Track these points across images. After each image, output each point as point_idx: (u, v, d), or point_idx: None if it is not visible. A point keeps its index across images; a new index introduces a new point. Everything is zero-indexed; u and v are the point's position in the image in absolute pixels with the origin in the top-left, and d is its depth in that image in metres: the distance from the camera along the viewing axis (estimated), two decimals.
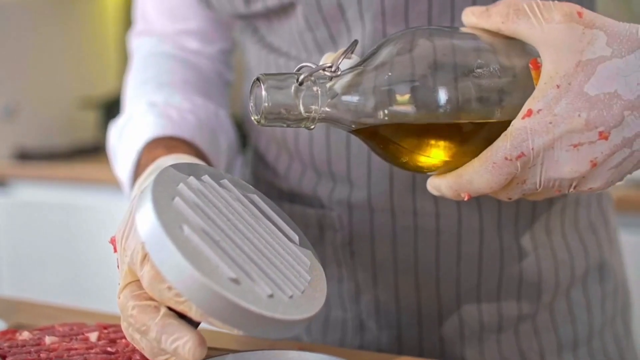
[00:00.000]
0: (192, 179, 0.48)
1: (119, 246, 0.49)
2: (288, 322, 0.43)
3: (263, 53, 0.71)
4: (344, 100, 0.48)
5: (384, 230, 0.67)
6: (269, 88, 0.46)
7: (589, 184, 0.49)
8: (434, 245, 0.67)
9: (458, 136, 0.48)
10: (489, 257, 0.67)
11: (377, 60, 0.48)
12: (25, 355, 0.49)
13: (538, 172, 0.48)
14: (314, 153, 0.68)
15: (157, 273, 0.44)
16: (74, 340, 0.53)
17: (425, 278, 0.68)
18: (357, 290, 0.70)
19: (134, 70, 0.80)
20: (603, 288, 0.73)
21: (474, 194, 0.50)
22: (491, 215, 0.66)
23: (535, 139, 0.47)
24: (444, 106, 0.47)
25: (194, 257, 0.42)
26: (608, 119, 0.46)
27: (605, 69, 0.46)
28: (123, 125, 0.73)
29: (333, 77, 0.48)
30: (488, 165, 0.48)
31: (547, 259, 0.69)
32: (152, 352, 0.46)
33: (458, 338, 0.69)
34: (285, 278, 0.46)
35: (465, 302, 0.68)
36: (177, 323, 0.45)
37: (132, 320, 0.46)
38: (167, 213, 0.44)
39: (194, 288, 0.41)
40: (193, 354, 0.44)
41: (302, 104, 0.47)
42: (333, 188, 0.69)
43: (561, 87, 0.46)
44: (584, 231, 0.72)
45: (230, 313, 0.42)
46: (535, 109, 0.47)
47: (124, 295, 0.47)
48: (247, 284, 0.43)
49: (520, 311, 0.69)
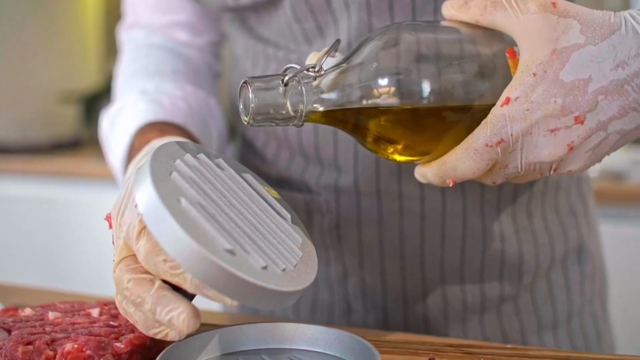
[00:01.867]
0: (189, 156, 0.50)
1: (115, 222, 0.50)
2: (281, 293, 0.44)
3: (251, 43, 0.73)
4: (329, 97, 0.49)
5: (371, 214, 0.69)
6: (255, 90, 0.48)
7: (567, 167, 0.50)
8: (418, 228, 0.68)
9: (441, 125, 0.50)
10: (472, 239, 0.69)
11: (360, 57, 0.50)
12: (30, 329, 0.50)
13: (518, 156, 0.50)
14: (302, 139, 0.70)
15: (153, 246, 0.46)
16: (76, 315, 0.54)
17: (411, 260, 0.69)
18: (344, 272, 0.72)
19: (125, 62, 0.81)
20: (582, 270, 0.76)
21: (458, 180, 0.52)
22: (474, 199, 0.68)
23: (514, 126, 0.48)
24: (427, 97, 0.49)
25: (191, 228, 0.43)
26: (583, 104, 0.48)
27: (579, 56, 0.48)
28: (115, 114, 0.74)
29: (317, 76, 0.50)
30: (470, 152, 0.50)
31: (528, 242, 0.71)
32: (145, 324, 0.47)
33: (442, 318, 0.71)
34: (278, 252, 0.48)
35: (449, 284, 0.70)
36: (172, 295, 0.46)
37: (127, 293, 0.47)
38: (165, 186, 0.45)
39: (191, 258, 0.43)
40: (187, 324, 0.45)
41: (289, 104, 0.49)
42: (321, 173, 0.70)
43: (537, 74, 0.48)
44: (564, 215, 0.74)
45: (225, 283, 0.43)
46: (512, 96, 0.48)
47: (119, 268, 0.48)
48: (242, 255, 0.45)
49: (502, 292, 0.71)
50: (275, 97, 0.48)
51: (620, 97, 0.47)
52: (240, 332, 0.52)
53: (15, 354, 0.47)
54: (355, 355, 0.49)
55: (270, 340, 0.52)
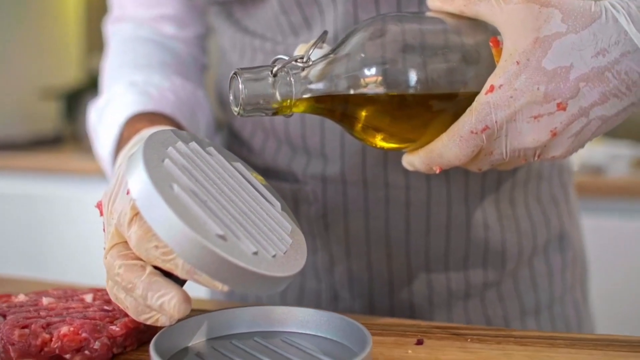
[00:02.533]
0: (180, 144, 0.50)
1: (106, 210, 0.51)
2: (271, 278, 0.45)
3: (238, 36, 0.73)
4: (317, 87, 0.50)
5: (357, 203, 0.70)
6: (245, 81, 0.49)
7: (551, 152, 0.51)
8: (404, 216, 0.70)
9: (427, 114, 0.51)
10: (457, 227, 0.70)
11: (347, 48, 0.51)
12: (25, 314, 0.51)
13: (503, 143, 0.51)
14: (289, 129, 0.70)
15: (145, 233, 0.46)
16: (70, 300, 0.55)
17: (396, 248, 0.70)
18: (331, 261, 0.73)
19: (111, 55, 0.81)
20: (563, 257, 0.77)
21: (445, 167, 0.53)
22: (458, 188, 0.69)
23: (498, 113, 0.49)
24: (413, 86, 0.50)
25: (184, 213, 0.44)
26: (565, 90, 0.49)
27: (561, 44, 0.49)
28: (103, 105, 0.74)
29: (305, 67, 0.51)
30: (456, 139, 0.51)
31: (511, 230, 0.72)
32: (136, 310, 0.48)
33: (427, 305, 0.72)
34: (268, 239, 0.49)
35: (434, 271, 0.71)
36: (163, 280, 0.46)
37: (118, 279, 0.47)
38: (157, 172, 0.45)
39: (183, 243, 0.43)
40: (178, 309, 0.45)
41: (278, 94, 0.50)
42: (307, 163, 0.71)
43: (520, 63, 0.49)
44: (546, 203, 0.75)
45: (217, 267, 0.43)
46: (497, 84, 0.49)
47: (110, 255, 0.49)
48: (233, 241, 0.45)
49: (486, 279, 0.72)
50: (264, 88, 0.49)
51: (601, 84, 0.49)
52: (233, 315, 0.53)
53: (12, 337, 0.48)
54: (346, 336, 0.50)
55: (262, 324, 0.53)
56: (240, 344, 0.50)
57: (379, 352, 0.50)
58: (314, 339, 0.51)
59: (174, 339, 0.49)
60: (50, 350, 0.48)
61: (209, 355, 0.49)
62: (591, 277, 0.86)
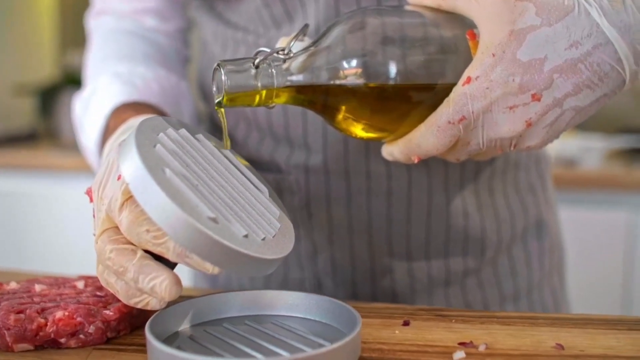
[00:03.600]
0: (171, 130, 0.51)
1: (96, 196, 0.52)
2: (261, 260, 0.46)
3: (220, 29, 0.74)
4: (298, 79, 0.52)
5: (339, 192, 0.71)
6: (228, 72, 0.50)
7: (526, 142, 0.53)
8: (385, 205, 0.71)
9: (405, 105, 0.53)
10: (437, 216, 0.72)
11: (327, 40, 0.52)
12: (19, 300, 0.52)
13: (480, 133, 0.52)
14: (272, 120, 0.71)
15: (136, 217, 0.47)
16: (62, 287, 0.55)
17: (378, 236, 0.72)
18: (314, 249, 0.74)
19: (94, 48, 0.82)
20: (540, 245, 0.79)
21: (423, 157, 0.54)
22: (439, 177, 0.71)
23: (475, 103, 0.51)
24: (392, 78, 0.51)
25: (176, 196, 0.45)
26: (539, 82, 0.50)
27: (535, 37, 0.50)
28: (88, 96, 0.74)
29: (287, 59, 0.52)
30: (433, 129, 0.52)
31: (490, 218, 0.74)
32: (126, 294, 0.49)
33: (409, 292, 0.74)
34: (257, 223, 0.50)
35: (415, 259, 0.73)
36: (154, 264, 0.47)
37: (109, 263, 0.48)
38: (149, 157, 0.46)
39: (176, 225, 0.44)
40: (169, 291, 0.46)
41: (260, 85, 0.51)
42: (290, 153, 0.72)
43: (496, 55, 0.50)
44: (524, 192, 0.77)
45: (208, 249, 0.44)
46: (473, 76, 0.51)
47: (101, 240, 0.49)
48: (225, 223, 0.46)
49: (466, 266, 0.74)
50: (247, 79, 0.50)
51: (575, 75, 0.50)
52: (224, 300, 0.54)
53: (7, 322, 0.48)
54: (335, 318, 0.52)
55: (253, 308, 0.54)
56: (232, 327, 0.51)
57: (367, 333, 0.51)
58: (304, 321, 0.53)
59: (167, 323, 0.50)
60: (46, 334, 0.49)
61: (201, 338, 0.50)
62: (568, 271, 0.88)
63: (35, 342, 0.49)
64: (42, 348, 0.49)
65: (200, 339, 0.49)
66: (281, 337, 0.49)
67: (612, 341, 0.50)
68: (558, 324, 0.53)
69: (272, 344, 0.48)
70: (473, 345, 0.49)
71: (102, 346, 0.50)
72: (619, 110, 2.09)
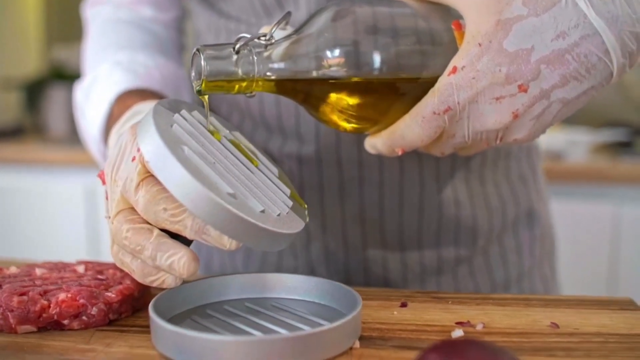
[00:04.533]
0: (185, 112, 0.52)
1: (109, 179, 0.52)
2: (277, 234, 0.47)
3: (213, 19, 0.75)
4: (279, 67, 0.50)
5: (332, 182, 0.72)
6: (207, 58, 0.49)
7: (513, 135, 0.52)
8: (377, 195, 0.72)
9: (390, 95, 0.51)
10: (429, 205, 0.72)
11: (311, 28, 0.51)
12: (21, 283, 0.52)
13: (465, 125, 0.51)
14: (264, 110, 0.72)
15: (153, 197, 0.48)
16: (62, 271, 0.56)
17: (371, 226, 0.72)
18: (307, 238, 0.75)
19: (92, 38, 0.82)
20: (531, 233, 0.80)
21: (407, 149, 0.53)
22: (430, 166, 0.71)
23: (460, 94, 0.50)
24: (375, 68, 0.50)
25: (196, 173, 0.46)
26: (526, 72, 0.49)
27: (522, 27, 0.49)
28: (89, 85, 0.75)
29: (268, 45, 0.51)
30: (418, 119, 0.51)
31: (481, 207, 0.75)
32: (142, 272, 0.49)
33: (401, 281, 0.75)
34: (271, 200, 0.51)
35: (407, 248, 0.73)
36: (171, 241, 0.48)
37: (126, 242, 0.49)
38: (168, 136, 0.47)
39: (197, 201, 0.45)
40: (187, 268, 0.47)
41: (240, 72, 0.49)
42: (283, 143, 0.73)
43: (483, 45, 0.49)
44: (515, 182, 0.78)
45: (228, 223, 0.45)
46: (459, 65, 0.50)
47: (117, 220, 0.50)
48: (242, 199, 0.47)
49: (457, 255, 0.75)
50: (226, 65, 0.49)
51: (562, 66, 0.49)
52: (225, 282, 0.54)
53: (11, 304, 0.49)
54: (335, 300, 0.52)
55: (253, 290, 0.55)
56: (232, 309, 0.52)
57: (366, 314, 0.52)
58: (304, 303, 0.54)
59: (168, 305, 0.51)
60: (49, 316, 0.49)
61: (203, 319, 0.50)
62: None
63: (39, 324, 0.49)
64: (45, 330, 0.50)
65: (202, 320, 0.50)
66: (281, 318, 0.50)
67: (605, 320, 0.51)
68: (552, 305, 0.54)
69: (273, 324, 0.49)
70: (470, 324, 0.50)
71: (104, 327, 0.50)
72: (605, 105, 2.12)
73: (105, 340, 0.48)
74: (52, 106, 2.37)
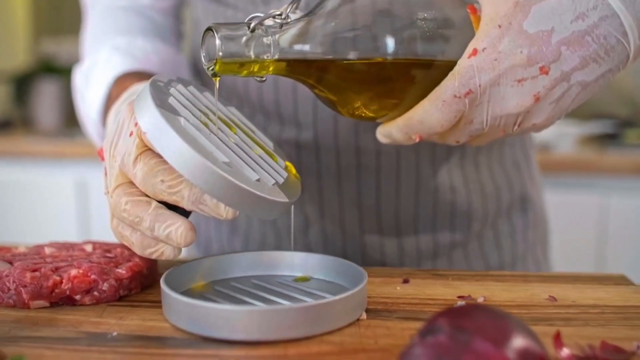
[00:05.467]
0: (181, 86, 0.54)
1: (107, 154, 0.53)
2: (273, 202, 0.48)
3: (211, 7, 0.75)
4: (293, 49, 0.49)
5: (330, 168, 0.73)
6: (222, 37, 0.47)
7: (532, 119, 0.52)
8: (374, 180, 0.73)
9: (406, 81, 0.50)
10: (425, 191, 0.74)
11: (325, 10, 0.50)
12: (31, 260, 0.53)
13: (485, 110, 0.51)
14: (263, 97, 0.73)
15: (150, 169, 0.48)
16: (71, 250, 0.57)
17: (368, 211, 0.74)
18: (305, 222, 0.76)
19: (91, 24, 0.83)
20: (525, 219, 0.81)
21: (425, 135, 0.52)
22: (426, 152, 0.73)
23: (482, 76, 0.49)
24: (392, 52, 0.49)
25: (193, 142, 0.47)
26: (547, 54, 0.49)
27: (540, 8, 0.49)
28: (88, 68, 0.76)
29: (283, 24, 0.49)
30: (438, 103, 0.50)
31: (476, 193, 0.76)
32: (142, 245, 0.50)
33: (398, 264, 0.76)
34: (267, 170, 0.52)
35: (404, 233, 0.75)
36: (169, 212, 0.49)
37: (125, 215, 0.50)
38: (164, 108, 0.48)
39: (194, 169, 0.46)
40: (185, 237, 0.48)
41: (253, 54, 0.48)
42: (281, 129, 0.74)
43: (503, 26, 0.49)
44: (509, 168, 0.79)
45: (224, 191, 0.46)
46: (480, 47, 0.49)
47: (116, 194, 0.51)
48: (238, 168, 0.49)
49: (453, 240, 0.76)
50: (241, 46, 0.48)
51: (582, 48, 0.49)
52: (231, 260, 0.56)
53: (24, 279, 0.50)
54: (339, 276, 0.54)
55: (258, 268, 0.56)
56: (240, 285, 0.53)
57: (370, 290, 0.53)
58: (310, 280, 0.55)
59: (177, 281, 0.52)
60: (61, 291, 0.50)
61: (211, 294, 0.52)
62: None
63: (51, 299, 0.50)
64: (57, 305, 0.51)
65: (210, 295, 0.51)
66: (288, 293, 0.51)
67: (601, 293, 0.53)
68: (549, 281, 0.56)
69: (281, 298, 0.50)
70: (472, 298, 0.51)
71: (115, 303, 0.52)
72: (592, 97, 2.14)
73: (118, 314, 0.49)
74: (41, 99, 2.36)
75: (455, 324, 0.35)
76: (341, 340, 0.44)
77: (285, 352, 0.42)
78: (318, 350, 0.42)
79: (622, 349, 0.41)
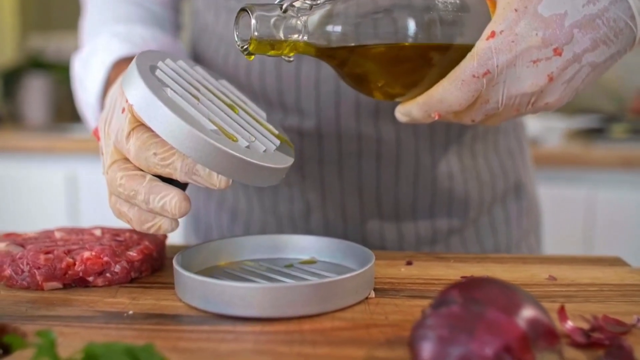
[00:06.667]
0: (169, 60, 0.54)
1: (102, 133, 0.54)
2: (264, 168, 0.49)
3: None
4: (323, 30, 0.51)
5: (331, 155, 0.74)
6: (257, 17, 0.49)
7: (545, 99, 0.54)
8: (375, 167, 0.74)
9: (427, 62, 0.53)
10: (423, 178, 0.75)
11: None
12: (43, 243, 0.54)
13: (501, 89, 0.53)
14: (265, 85, 0.74)
15: (143, 143, 0.49)
16: (81, 234, 0.58)
17: (368, 197, 0.75)
18: (307, 209, 0.77)
19: (90, 13, 0.83)
20: (519, 206, 0.83)
21: (444, 113, 0.54)
22: (425, 140, 0.74)
23: (500, 57, 0.52)
24: (414, 35, 0.51)
25: (180, 112, 0.48)
26: (561, 36, 0.52)
27: None
28: (87, 55, 0.76)
29: (312, 5, 0.51)
30: (457, 83, 0.52)
31: (472, 180, 0.78)
32: (139, 220, 0.51)
33: (397, 250, 0.77)
34: (258, 138, 0.52)
35: (403, 219, 0.76)
36: (163, 184, 0.50)
37: (121, 189, 0.51)
38: (151, 80, 0.49)
39: (181, 138, 0.47)
40: (179, 207, 0.49)
41: (283, 35, 0.50)
42: (284, 117, 0.75)
43: (519, 10, 0.52)
44: (503, 155, 0.81)
45: (214, 158, 0.47)
46: (497, 30, 0.52)
47: (111, 170, 0.52)
48: (226, 135, 0.49)
49: (450, 226, 0.78)
50: (273, 27, 0.49)
51: (592, 31, 0.52)
52: (238, 243, 0.57)
53: (38, 261, 0.51)
54: (346, 258, 0.55)
55: (265, 251, 0.57)
56: (249, 267, 0.55)
57: (375, 271, 0.55)
58: (317, 262, 0.56)
59: (187, 264, 0.53)
60: (75, 273, 0.51)
61: (221, 275, 0.53)
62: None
63: (65, 281, 0.51)
64: (70, 286, 0.52)
65: (220, 276, 0.52)
66: (297, 274, 0.53)
67: (598, 273, 0.55)
68: (547, 262, 0.58)
69: (289, 279, 0.51)
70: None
71: (127, 285, 0.53)
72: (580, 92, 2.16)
73: (131, 295, 0.50)
74: (29, 95, 2.36)
75: (467, 295, 0.36)
76: (352, 316, 0.45)
77: (300, 328, 0.43)
78: (331, 325, 0.44)
79: (623, 322, 0.43)
